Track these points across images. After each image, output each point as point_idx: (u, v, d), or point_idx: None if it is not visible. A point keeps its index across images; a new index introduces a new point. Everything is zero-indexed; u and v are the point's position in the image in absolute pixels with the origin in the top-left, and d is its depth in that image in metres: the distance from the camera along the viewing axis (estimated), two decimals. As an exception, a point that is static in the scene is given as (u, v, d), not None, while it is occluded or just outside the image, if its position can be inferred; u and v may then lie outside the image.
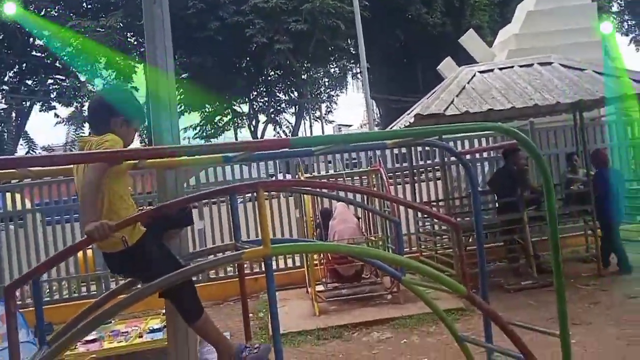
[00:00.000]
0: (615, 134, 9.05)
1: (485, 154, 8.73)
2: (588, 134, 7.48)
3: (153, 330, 5.25)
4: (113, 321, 5.80)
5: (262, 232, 2.04)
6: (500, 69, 6.99)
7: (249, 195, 7.63)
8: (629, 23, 27.12)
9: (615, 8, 26.59)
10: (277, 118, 27.73)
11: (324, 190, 4.44)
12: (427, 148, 8.81)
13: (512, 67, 7.01)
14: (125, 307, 1.99)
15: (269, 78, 26.49)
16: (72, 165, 2.49)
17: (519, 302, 5.86)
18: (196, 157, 2.46)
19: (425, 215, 8.09)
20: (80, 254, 7.73)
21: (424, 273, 2.17)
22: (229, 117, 26.92)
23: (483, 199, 7.74)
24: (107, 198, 2.40)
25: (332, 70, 30.42)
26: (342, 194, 5.34)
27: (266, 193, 7.58)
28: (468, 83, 6.66)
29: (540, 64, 7.00)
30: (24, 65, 23.60)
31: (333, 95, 32.29)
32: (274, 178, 9.95)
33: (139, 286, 2.56)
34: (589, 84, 6.44)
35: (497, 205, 7.57)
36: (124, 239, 2.43)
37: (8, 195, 8.04)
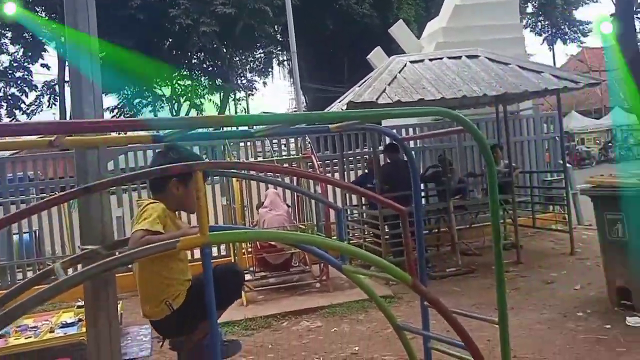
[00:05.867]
0: (533, 128, 9.51)
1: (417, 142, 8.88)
2: (507, 127, 7.78)
3: (66, 325, 4.85)
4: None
5: (200, 218, 1.85)
6: (431, 59, 7.08)
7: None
8: (543, 23, 28.76)
9: (530, 9, 28.08)
10: (200, 103, 26.96)
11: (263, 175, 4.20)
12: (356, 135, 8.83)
13: (442, 58, 7.13)
14: (48, 298, 1.71)
15: (193, 61, 25.66)
16: None
17: (445, 290, 5.99)
18: (123, 135, 2.22)
19: (354, 204, 8.12)
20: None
21: (371, 262, 2.09)
22: (149, 99, 25.83)
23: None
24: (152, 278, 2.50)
25: (257, 56, 29.97)
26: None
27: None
28: (400, 72, 6.70)
29: (468, 56, 7.17)
30: None
31: (257, 82, 31.78)
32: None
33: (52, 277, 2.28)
34: (513, 77, 6.68)
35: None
36: (167, 303, 2.46)
37: None
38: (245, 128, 2.60)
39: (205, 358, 2.51)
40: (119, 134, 2.42)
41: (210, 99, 27.59)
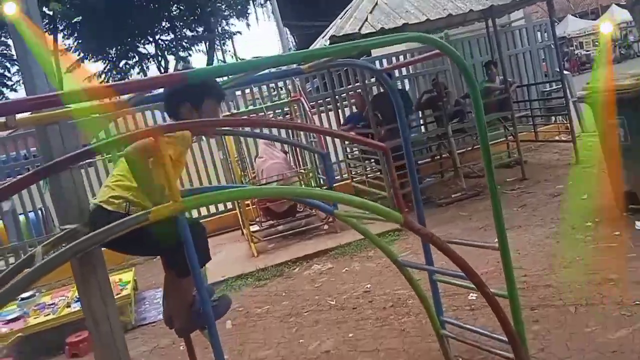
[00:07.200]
0: (527, 38, 9.17)
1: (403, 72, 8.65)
2: (499, 41, 7.46)
3: (81, 298, 4.91)
4: (38, 294, 5.40)
5: (168, 186, 1.75)
6: (412, -20, 6.71)
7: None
8: None
9: None
10: (187, 56, 26.26)
11: (247, 129, 3.97)
12: (346, 71, 8.58)
13: (423, -23, 6.74)
14: (28, 285, 1.65)
15: (172, 13, 24.83)
16: None
17: (452, 215, 5.96)
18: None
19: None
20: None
21: (357, 205, 2.00)
22: (134, 59, 25.20)
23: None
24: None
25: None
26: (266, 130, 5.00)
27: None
28: (380, -2, 6.38)
29: (451, -29, 6.78)
30: None
31: (234, 25, 30.22)
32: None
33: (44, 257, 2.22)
34: (499, -12, 6.33)
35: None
36: (127, 205, 2.19)
37: None
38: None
39: (198, 325, 2.40)
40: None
41: (200, 50, 26.85)
